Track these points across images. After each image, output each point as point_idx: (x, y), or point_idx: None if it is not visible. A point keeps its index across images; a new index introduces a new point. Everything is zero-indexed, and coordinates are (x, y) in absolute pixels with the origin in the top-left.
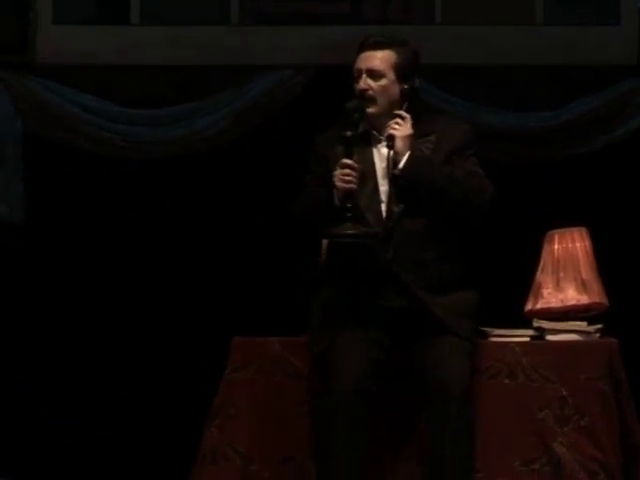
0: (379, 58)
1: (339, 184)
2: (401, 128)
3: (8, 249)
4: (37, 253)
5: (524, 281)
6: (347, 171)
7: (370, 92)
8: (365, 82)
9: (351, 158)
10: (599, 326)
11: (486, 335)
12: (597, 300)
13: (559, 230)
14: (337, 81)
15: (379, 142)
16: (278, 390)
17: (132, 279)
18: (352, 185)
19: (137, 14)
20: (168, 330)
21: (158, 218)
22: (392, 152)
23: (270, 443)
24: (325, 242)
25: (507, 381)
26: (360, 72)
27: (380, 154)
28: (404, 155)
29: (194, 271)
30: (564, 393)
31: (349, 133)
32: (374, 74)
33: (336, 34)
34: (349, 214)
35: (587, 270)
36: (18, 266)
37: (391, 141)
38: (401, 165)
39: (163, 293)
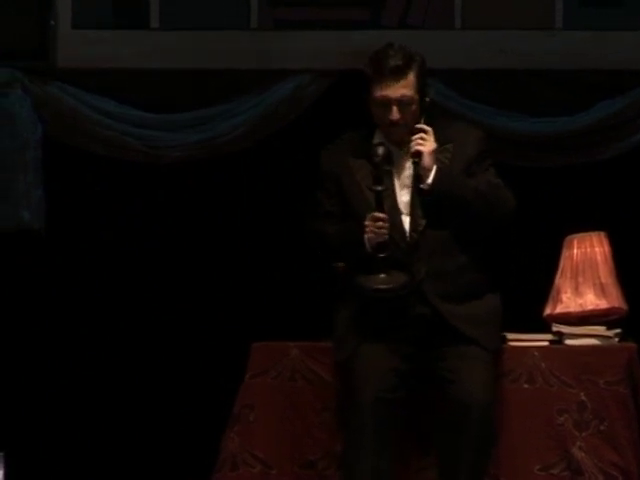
0: (406, 86)
1: (371, 236)
2: (427, 143)
3: (29, 255)
4: (58, 259)
5: (543, 286)
6: (380, 224)
7: (402, 121)
8: (397, 113)
9: (382, 211)
10: (618, 331)
11: (505, 340)
12: (616, 305)
13: (578, 235)
14: (357, 86)
15: (397, 154)
16: (297, 395)
17: (152, 283)
18: (385, 237)
19: (156, 19)
20: (188, 335)
21: (179, 222)
22: (418, 167)
23: (290, 449)
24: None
25: (526, 386)
26: (389, 102)
27: (398, 165)
28: (431, 170)
29: (214, 276)
30: (583, 398)
31: (379, 188)
32: (404, 103)
33: (356, 39)
34: (382, 265)
35: (606, 275)
36: (39, 272)
37: (418, 157)
38: (429, 180)
39: (183, 298)
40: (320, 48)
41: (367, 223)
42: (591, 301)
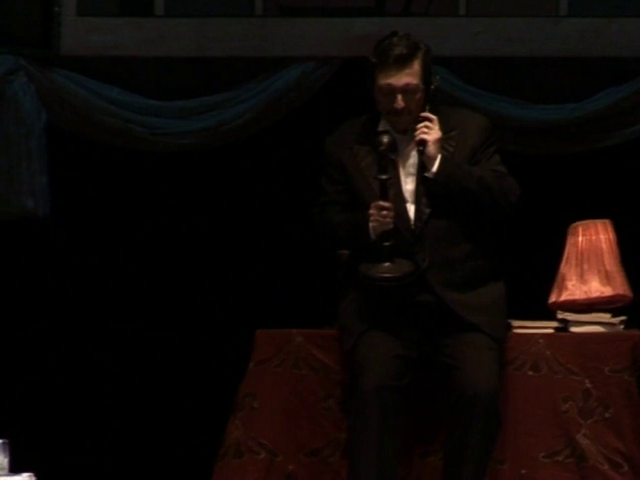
0: (411, 75)
1: (375, 224)
2: (431, 132)
3: (33, 242)
4: (62, 246)
5: (548, 273)
6: (385, 213)
7: (406, 110)
8: (401, 101)
9: (387, 200)
10: (623, 318)
11: (510, 327)
12: (621, 292)
13: (583, 222)
14: (362, 73)
15: (402, 143)
16: (302, 383)
17: (157, 271)
18: (390, 225)
19: (161, 6)
20: (192, 323)
21: (183, 210)
22: (423, 155)
23: (294, 436)
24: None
25: (531, 373)
26: (394, 91)
27: (403, 154)
28: (436, 159)
29: (218, 263)
30: (588, 385)
31: (384, 177)
32: (409, 91)
33: (361, 26)
34: (386, 254)
35: (611, 262)
36: (43, 259)
37: (422, 145)
38: (434, 169)
39: (188, 286)
40: (325, 35)
41: (372, 212)
42: (596, 288)
